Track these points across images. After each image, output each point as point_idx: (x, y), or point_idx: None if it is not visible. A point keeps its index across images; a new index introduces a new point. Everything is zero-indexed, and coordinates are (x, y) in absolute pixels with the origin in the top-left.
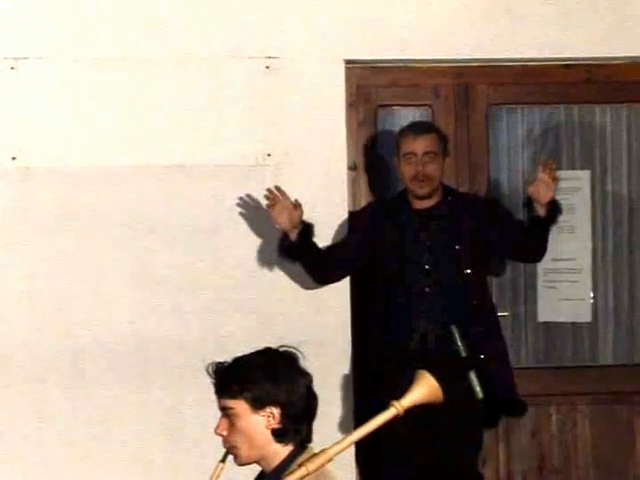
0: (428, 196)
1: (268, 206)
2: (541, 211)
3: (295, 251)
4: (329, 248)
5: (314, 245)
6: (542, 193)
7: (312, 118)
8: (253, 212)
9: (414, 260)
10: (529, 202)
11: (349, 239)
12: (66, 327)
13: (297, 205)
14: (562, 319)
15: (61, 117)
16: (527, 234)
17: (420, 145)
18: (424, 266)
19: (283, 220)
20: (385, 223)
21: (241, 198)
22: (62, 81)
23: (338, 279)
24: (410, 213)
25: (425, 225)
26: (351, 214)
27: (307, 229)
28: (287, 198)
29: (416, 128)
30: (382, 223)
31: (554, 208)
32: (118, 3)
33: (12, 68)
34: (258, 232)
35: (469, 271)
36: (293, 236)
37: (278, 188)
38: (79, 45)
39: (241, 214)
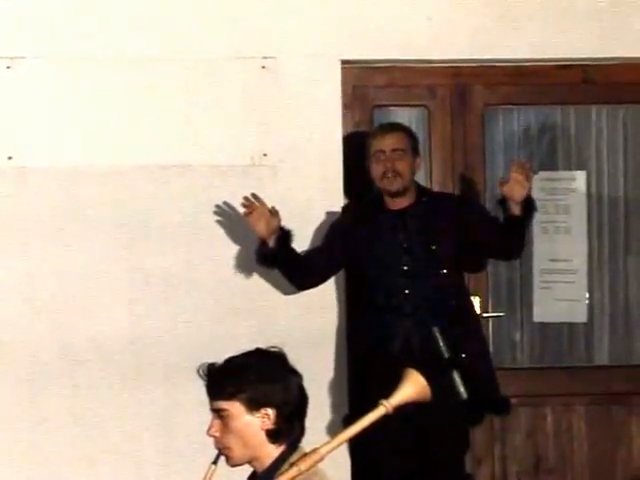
0: (400, 193)
1: (245, 214)
2: (516, 209)
3: (273, 258)
4: (307, 254)
5: (292, 251)
6: (516, 192)
7: (308, 118)
8: None
9: (392, 262)
10: (504, 201)
11: (326, 244)
12: (62, 327)
13: (274, 212)
14: (558, 319)
15: (58, 116)
16: (503, 232)
17: (388, 142)
18: (402, 267)
19: (260, 227)
20: (361, 226)
21: (238, 198)
22: (59, 80)
23: (317, 284)
24: (386, 214)
25: (402, 226)
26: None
27: (285, 236)
28: (264, 205)
29: (384, 127)
30: (358, 226)
31: (529, 206)
32: (115, 2)
33: (8, 67)
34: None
35: (445, 271)
36: (271, 243)
37: (255, 195)
38: (76, 44)
39: (238, 214)
